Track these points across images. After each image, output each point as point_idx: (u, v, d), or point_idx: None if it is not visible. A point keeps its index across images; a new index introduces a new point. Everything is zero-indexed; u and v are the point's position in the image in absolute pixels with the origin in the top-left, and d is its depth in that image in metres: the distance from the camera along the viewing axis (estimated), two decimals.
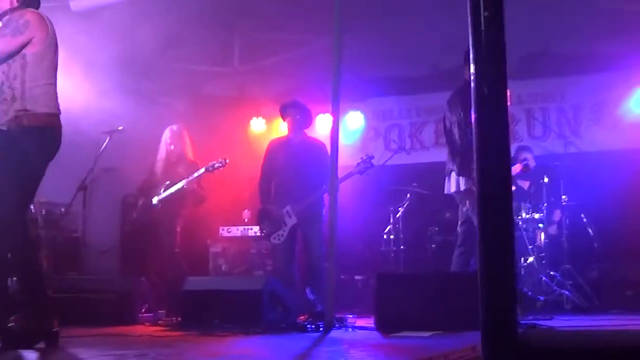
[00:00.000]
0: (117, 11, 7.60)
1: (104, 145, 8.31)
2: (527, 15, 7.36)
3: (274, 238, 7.74)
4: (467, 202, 6.65)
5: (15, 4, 5.01)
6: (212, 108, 10.85)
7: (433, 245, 9.46)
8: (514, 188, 8.11)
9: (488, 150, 2.21)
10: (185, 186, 8.09)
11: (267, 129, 11.46)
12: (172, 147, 8.44)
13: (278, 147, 8.05)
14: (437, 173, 10.24)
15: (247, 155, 10.20)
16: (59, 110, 4.95)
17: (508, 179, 2.23)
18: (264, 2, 8.01)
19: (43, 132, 4.85)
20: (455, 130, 6.61)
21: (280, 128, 11.03)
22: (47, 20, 4.97)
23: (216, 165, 8.04)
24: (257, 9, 8.32)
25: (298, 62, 9.91)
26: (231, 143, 10.50)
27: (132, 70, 8.91)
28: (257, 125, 11.50)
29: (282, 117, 8.20)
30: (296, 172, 7.75)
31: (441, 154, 10.55)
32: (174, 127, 8.57)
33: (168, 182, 8.21)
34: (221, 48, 9.60)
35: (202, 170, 8.08)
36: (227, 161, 8.07)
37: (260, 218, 7.92)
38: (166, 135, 8.50)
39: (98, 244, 9.27)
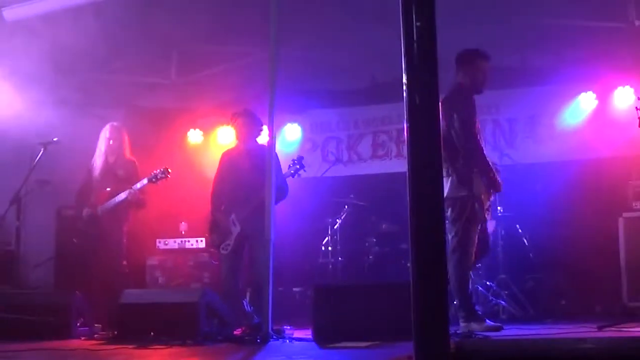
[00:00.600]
0: (51, 21, 7.46)
1: (38, 157, 8.16)
2: (461, 28, 7.43)
3: (222, 248, 7.72)
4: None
5: None
6: (149, 120, 10.74)
7: (370, 257, 9.47)
8: None
9: (420, 158, 2.21)
10: (129, 198, 8.02)
11: (204, 140, 11.39)
12: (112, 142, 8.32)
13: (231, 158, 8.03)
14: (374, 185, 10.36)
15: (185, 167, 10.13)
16: None
17: (439, 188, 2.23)
18: (201, 14, 7.94)
19: None
20: (453, 133, 6.57)
21: (219, 139, 10.98)
22: None
23: (159, 175, 7.99)
24: (194, 21, 8.26)
25: (236, 73, 9.88)
26: (168, 155, 10.39)
27: (67, 81, 8.78)
28: (194, 137, 11.42)
29: (232, 125, 8.16)
30: (245, 181, 7.71)
31: (378, 166, 10.70)
32: (114, 123, 8.50)
33: (108, 189, 8.09)
34: (158, 59, 9.50)
35: (145, 181, 8.05)
36: (170, 171, 8.01)
37: (211, 228, 7.91)
38: (105, 131, 8.38)
39: (32, 257, 9.10)
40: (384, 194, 9.88)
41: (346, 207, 9.72)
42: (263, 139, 8.83)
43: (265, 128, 9.16)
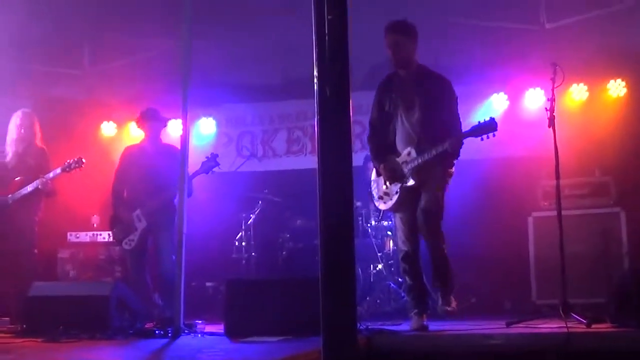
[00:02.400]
0: None
1: None
2: (371, 23, 7.47)
3: (125, 243, 7.72)
4: None
5: None
6: (60, 111, 10.49)
7: (284, 252, 9.44)
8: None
9: (330, 151, 2.19)
10: (40, 187, 7.87)
11: (117, 132, 11.20)
12: (23, 130, 8.16)
13: (133, 154, 8.07)
14: (289, 180, 10.34)
15: (98, 160, 9.92)
16: None
17: (350, 182, 2.22)
18: (114, 3, 7.81)
19: None
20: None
21: (132, 132, 10.81)
22: None
23: (73, 165, 7.88)
24: (107, 9, 8.12)
25: (149, 65, 9.75)
26: (81, 147, 10.16)
27: None
28: (107, 130, 11.22)
29: (138, 125, 8.17)
30: (149, 177, 7.75)
31: (293, 162, 10.68)
32: (25, 109, 8.35)
33: (19, 178, 7.90)
34: (70, 49, 9.30)
35: (59, 170, 7.92)
36: (84, 161, 7.90)
37: (112, 223, 7.93)
38: (16, 118, 8.21)
39: None
40: (299, 190, 9.80)
41: (260, 202, 9.68)
42: (175, 133, 8.80)
43: (174, 122, 9.18)
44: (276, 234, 9.69)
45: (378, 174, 6.53)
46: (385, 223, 8.80)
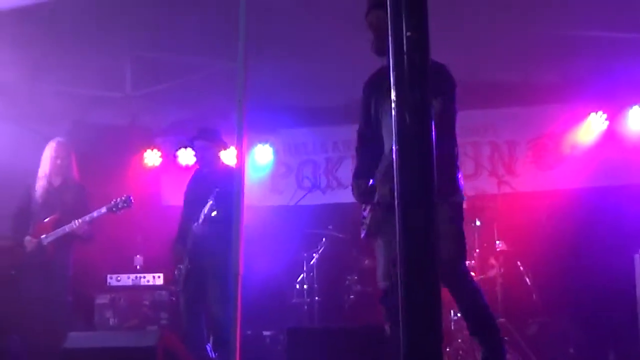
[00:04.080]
0: None
1: None
2: (453, 40, 7.49)
3: (178, 285, 7.79)
4: None
5: None
6: (99, 138, 10.69)
7: (351, 296, 9.45)
8: None
9: (411, 186, 2.22)
10: (74, 231, 7.92)
11: (163, 162, 11.34)
12: (59, 161, 8.20)
13: (190, 181, 8.14)
14: (356, 214, 10.32)
15: (140, 192, 10.09)
16: None
17: (432, 216, 2.24)
18: (158, 19, 7.95)
19: None
20: None
21: (179, 161, 10.95)
22: None
23: (120, 204, 7.93)
24: (151, 26, 8.26)
25: (198, 86, 9.86)
26: (121, 178, 10.37)
27: (4, 93, 8.74)
28: (151, 158, 11.37)
29: (190, 146, 8.27)
30: (198, 207, 7.75)
31: None
32: (60, 139, 8.38)
33: (54, 216, 8.00)
34: (110, 70, 9.46)
35: (104, 210, 7.97)
36: (132, 200, 7.96)
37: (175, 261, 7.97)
38: (50, 148, 8.26)
39: None
40: None
41: (324, 239, 9.70)
42: (229, 162, 8.87)
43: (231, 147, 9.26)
44: (342, 276, 9.71)
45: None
46: (467, 262, 8.75)
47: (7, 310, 8.43)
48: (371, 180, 5.54)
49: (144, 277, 9.50)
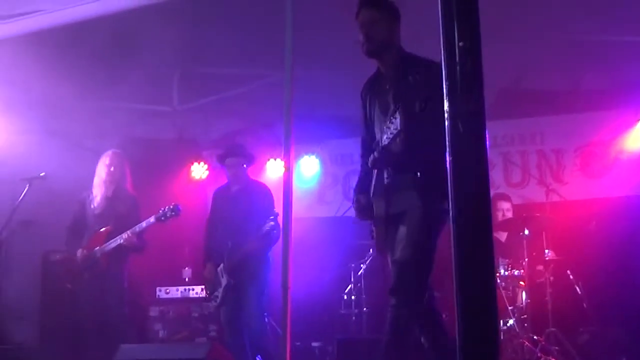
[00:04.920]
0: (39, 41, 7.50)
1: (22, 195, 8.17)
2: (500, 48, 7.44)
3: (212, 300, 7.83)
4: None
5: None
6: (147, 152, 10.76)
7: None
8: None
9: (466, 197, 2.20)
10: (123, 242, 7.92)
11: (209, 175, 11.39)
12: (112, 169, 8.22)
13: (218, 198, 8.17)
14: None
15: (188, 205, 10.13)
16: None
17: (489, 229, 2.21)
18: (205, 32, 7.98)
19: None
20: None
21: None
22: None
23: (168, 213, 7.94)
24: (197, 41, 8.29)
25: (244, 99, 9.89)
26: (169, 191, 10.43)
27: (54, 109, 8.82)
28: (198, 172, 11.43)
29: (220, 163, 8.30)
30: (232, 223, 7.80)
31: None
32: (115, 150, 8.42)
33: (108, 227, 8.03)
34: (158, 85, 9.52)
35: (152, 220, 7.97)
36: (180, 209, 7.98)
37: (204, 278, 7.98)
38: (105, 158, 8.30)
39: (15, 308, 9.07)
40: None
41: (371, 250, 9.66)
42: (275, 175, 8.88)
43: (271, 163, 9.30)
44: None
45: None
46: (517, 272, 8.69)
47: (60, 324, 8.52)
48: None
49: (193, 290, 9.55)
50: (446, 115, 2.26)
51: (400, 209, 5.08)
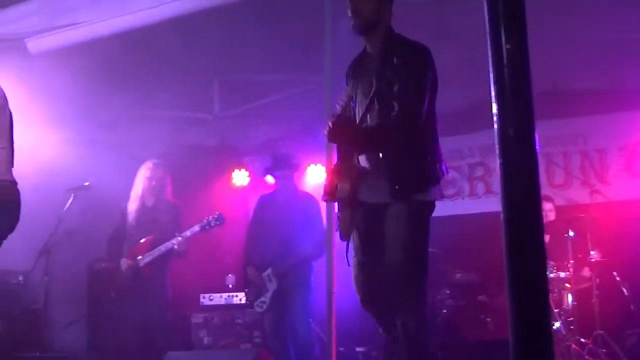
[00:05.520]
0: (80, 52, 7.56)
1: (68, 204, 8.23)
2: (541, 47, 7.36)
3: (257, 306, 7.82)
4: None
5: None
6: (188, 159, 10.80)
7: (444, 311, 9.34)
8: None
9: (516, 201, 2.18)
10: (176, 247, 7.94)
11: (250, 181, 11.40)
12: (153, 182, 8.24)
13: (265, 204, 8.17)
14: (445, 229, 10.20)
15: (229, 212, 10.15)
16: (10, 176, 4.97)
17: (541, 233, 2.20)
18: (245, 40, 7.99)
19: None
20: None
21: (267, 180, 10.99)
22: None
23: (212, 222, 7.95)
24: (237, 48, 8.31)
25: (285, 105, 9.89)
26: (210, 198, 10.46)
27: (98, 118, 8.89)
28: (239, 178, 11.45)
29: (268, 173, 8.31)
30: (281, 232, 7.81)
31: (448, 207, 10.58)
32: (155, 160, 8.44)
33: (149, 237, 8.06)
34: (199, 92, 9.56)
35: (197, 228, 7.97)
36: (225, 218, 7.99)
37: (244, 283, 7.99)
38: (145, 169, 8.31)
39: (62, 316, 9.14)
40: (457, 238, 9.77)
41: None
42: (316, 181, 8.88)
43: (312, 169, 9.29)
44: (433, 291, 9.60)
45: None
46: (562, 274, 8.61)
47: (106, 332, 8.58)
48: None
49: (236, 296, 9.56)
50: (495, 118, 2.24)
51: (377, 200, 4.85)
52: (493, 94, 2.26)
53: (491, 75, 2.27)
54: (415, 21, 7.92)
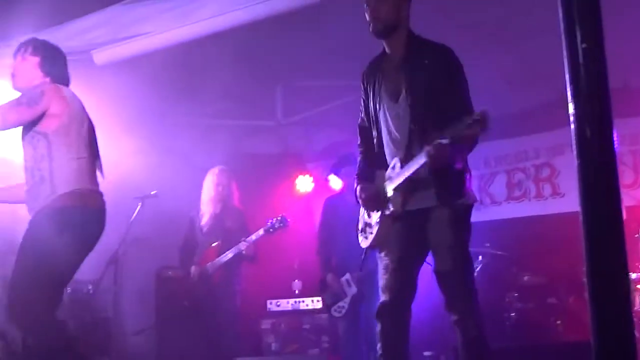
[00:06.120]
0: (146, 63, 7.63)
1: (135, 213, 8.32)
2: (611, 44, 7.25)
3: (335, 310, 7.79)
4: None
5: (45, 79, 5.32)
6: (252, 166, 10.86)
7: (512, 314, 9.24)
8: None
9: (596, 201, 2.15)
10: (244, 251, 8.02)
11: (314, 187, 11.40)
12: (220, 188, 8.37)
13: (334, 207, 8.11)
14: (512, 231, 10.15)
15: (294, 217, 10.18)
16: (96, 185, 5.11)
17: (621, 234, 2.16)
18: (307, 45, 8.00)
19: (75, 213, 5.01)
20: None
21: (331, 186, 11.00)
22: (67, 92, 5.29)
23: (276, 225, 8.00)
24: (299, 54, 8.32)
25: (349, 110, 9.85)
26: (275, 205, 10.49)
27: (163, 127, 8.96)
28: (303, 184, 11.45)
29: (335, 173, 8.25)
30: (356, 235, 7.77)
31: (515, 209, 10.50)
32: (222, 167, 8.57)
33: (216, 243, 8.12)
34: (262, 99, 9.59)
35: (261, 232, 8.08)
36: (289, 220, 8.01)
37: (321, 288, 7.98)
38: (212, 175, 8.45)
39: (131, 324, 9.22)
40: (523, 241, 9.69)
41: (480, 257, 9.53)
42: None
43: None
44: (501, 294, 9.51)
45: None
46: (633, 275, 8.47)
47: (175, 339, 8.63)
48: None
49: (303, 302, 9.55)
50: (572, 118, 2.21)
51: (421, 206, 4.79)
52: (569, 94, 2.23)
53: (567, 75, 2.25)
54: (473, 26, 7.94)
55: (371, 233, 5.07)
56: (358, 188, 5.14)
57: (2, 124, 5.05)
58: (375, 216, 5.03)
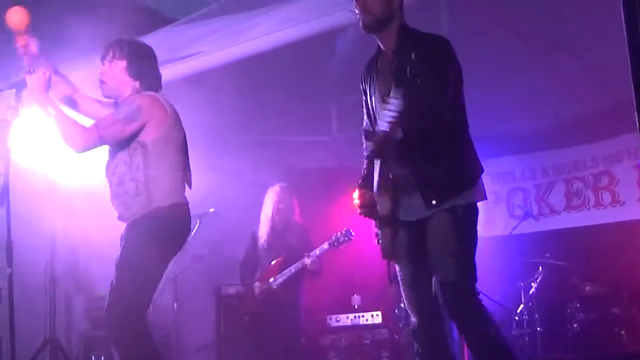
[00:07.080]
0: (199, 82, 7.65)
1: (194, 230, 8.33)
2: None
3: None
4: None
5: (135, 83, 5.18)
6: (308, 181, 10.83)
7: (575, 325, 9.08)
8: None
9: None
10: (309, 266, 7.98)
11: None
12: (282, 205, 8.32)
13: None
14: (572, 240, 10.01)
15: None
16: (185, 198, 5.05)
17: None
18: (363, 58, 7.96)
19: (167, 226, 5.00)
20: None
21: None
22: (163, 100, 5.13)
23: (341, 239, 7.98)
24: (352, 69, 8.30)
25: None
26: (333, 219, 10.44)
27: (220, 145, 8.97)
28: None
29: None
30: None
31: (574, 219, 10.36)
32: (283, 184, 8.52)
33: (280, 259, 8.09)
34: (317, 115, 9.59)
35: (326, 246, 8.06)
36: (353, 234, 7.97)
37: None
38: (272, 194, 8.40)
39: (191, 342, 9.22)
40: (585, 250, 9.56)
41: (540, 268, 9.40)
42: None
43: None
44: (563, 304, 9.37)
45: None
46: None
47: (237, 357, 8.61)
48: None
49: (363, 317, 9.47)
50: (638, 125, 2.14)
51: (415, 216, 4.45)
52: (635, 99, 2.16)
53: (632, 81, 2.17)
54: (531, 36, 7.85)
55: (379, 244, 4.59)
56: (355, 195, 4.84)
57: (98, 142, 4.94)
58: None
